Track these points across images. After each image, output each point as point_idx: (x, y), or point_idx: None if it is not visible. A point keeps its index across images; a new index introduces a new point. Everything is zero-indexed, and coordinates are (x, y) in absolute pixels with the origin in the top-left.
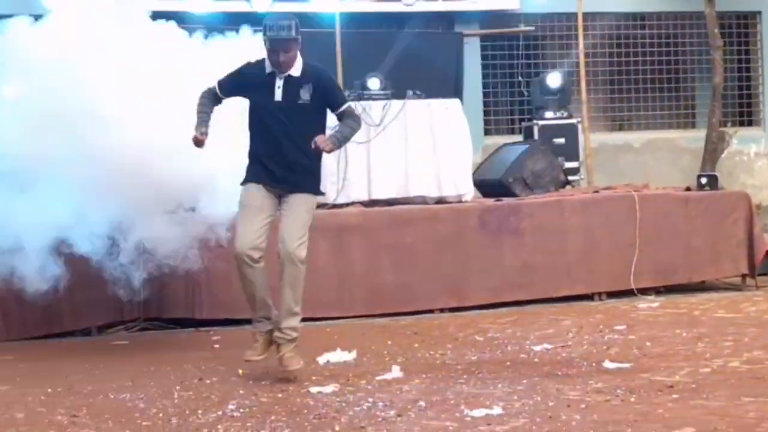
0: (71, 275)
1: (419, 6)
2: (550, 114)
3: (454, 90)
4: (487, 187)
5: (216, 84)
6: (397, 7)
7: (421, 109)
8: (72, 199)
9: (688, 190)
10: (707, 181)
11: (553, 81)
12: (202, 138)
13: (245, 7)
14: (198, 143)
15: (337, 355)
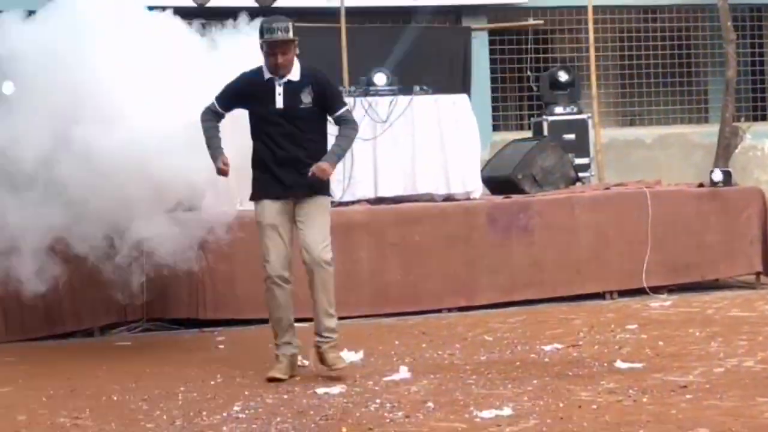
0: (73, 276)
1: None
2: (559, 109)
3: (462, 85)
4: (495, 184)
5: (214, 101)
6: (404, 1)
7: (429, 105)
8: (71, 199)
9: (701, 186)
10: (722, 178)
11: (562, 75)
12: (226, 168)
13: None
14: (224, 174)
15: (344, 356)
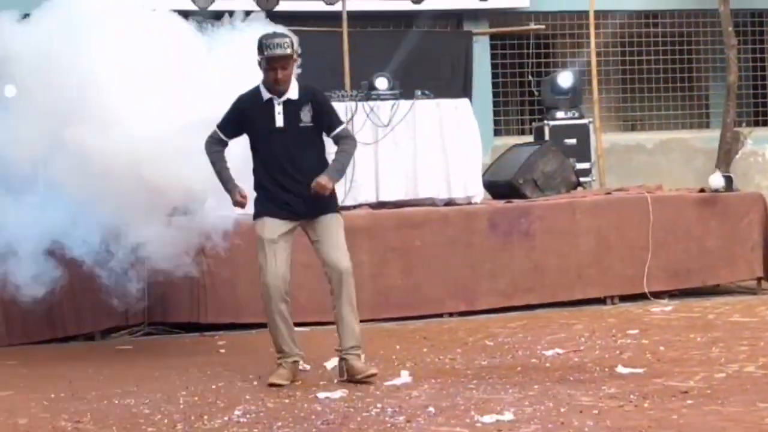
0: (73, 280)
1: (427, 4)
2: (561, 114)
3: (464, 90)
4: (497, 188)
5: (216, 129)
6: (405, 5)
7: (430, 110)
8: (71, 203)
9: (702, 191)
10: (721, 184)
11: (564, 80)
12: (243, 201)
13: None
14: (240, 206)
15: None
